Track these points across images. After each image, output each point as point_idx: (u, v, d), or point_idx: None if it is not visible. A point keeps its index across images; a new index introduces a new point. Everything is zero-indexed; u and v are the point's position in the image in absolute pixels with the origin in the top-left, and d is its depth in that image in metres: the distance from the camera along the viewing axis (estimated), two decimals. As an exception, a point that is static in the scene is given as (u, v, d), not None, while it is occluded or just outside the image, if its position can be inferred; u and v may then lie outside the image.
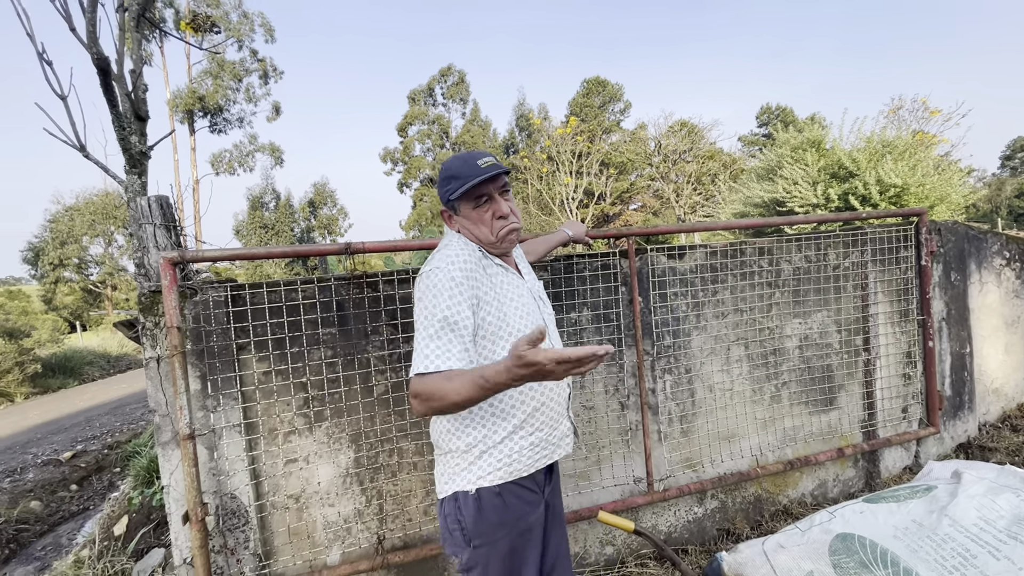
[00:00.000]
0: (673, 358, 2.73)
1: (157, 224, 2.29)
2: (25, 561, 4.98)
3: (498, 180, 1.38)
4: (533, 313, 1.42)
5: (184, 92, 26.56)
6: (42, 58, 2.45)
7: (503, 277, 1.42)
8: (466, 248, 1.37)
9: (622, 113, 34.15)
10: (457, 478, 1.34)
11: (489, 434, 1.33)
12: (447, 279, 1.25)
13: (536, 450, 1.39)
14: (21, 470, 6.60)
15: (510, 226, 1.40)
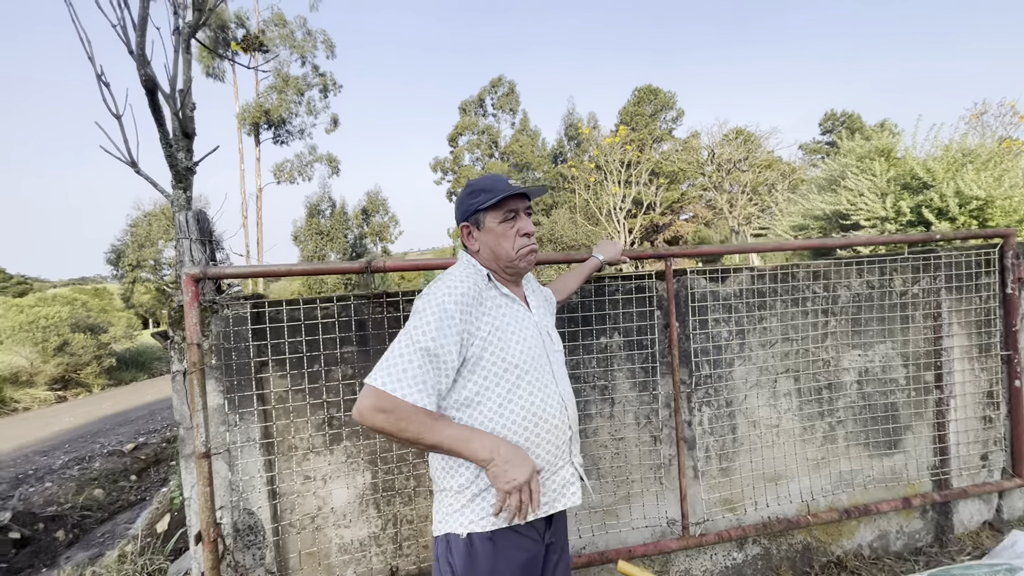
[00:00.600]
0: (712, 389, 2.52)
1: (193, 238, 2.35)
2: (85, 547, 5.31)
3: (525, 200, 1.38)
4: (536, 348, 1.34)
5: (252, 106, 28.23)
6: (100, 79, 2.59)
7: (507, 308, 1.35)
8: (472, 275, 1.33)
9: (674, 121, 33.34)
10: (450, 519, 1.28)
11: (482, 475, 1.25)
12: (439, 309, 1.21)
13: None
14: (89, 459, 7.08)
15: (531, 246, 1.37)
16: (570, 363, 2.37)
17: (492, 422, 1.26)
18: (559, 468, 1.36)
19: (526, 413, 1.28)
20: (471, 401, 1.27)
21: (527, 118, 38.18)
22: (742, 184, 21.73)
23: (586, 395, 2.39)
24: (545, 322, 1.47)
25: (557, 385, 1.38)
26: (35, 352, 12.18)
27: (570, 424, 1.40)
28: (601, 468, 2.41)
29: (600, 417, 2.41)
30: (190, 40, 2.85)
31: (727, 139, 22.50)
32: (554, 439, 1.34)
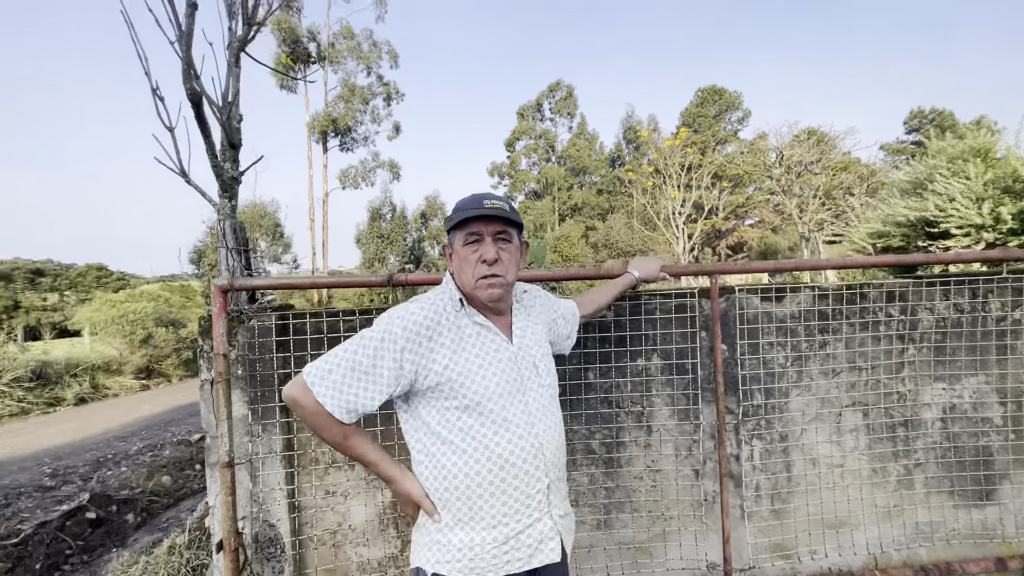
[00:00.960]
0: (765, 421, 2.27)
1: (230, 247, 2.40)
2: (151, 531, 5.68)
3: (493, 224, 1.24)
4: (507, 384, 1.22)
5: (320, 116, 29.76)
6: (155, 93, 2.72)
7: (476, 339, 1.24)
8: (437, 303, 1.25)
9: (740, 122, 31.85)
10: (422, 551, 1.24)
11: (446, 513, 1.21)
12: (384, 331, 1.17)
13: (503, 548, 1.19)
14: (160, 446, 7.62)
15: (488, 274, 1.22)
16: (603, 386, 2.21)
17: (456, 456, 1.19)
18: (533, 521, 1.22)
19: (489, 454, 1.18)
20: (435, 431, 1.21)
21: (585, 122, 37.80)
22: (813, 188, 20.31)
23: (620, 421, 2.22)
24: (532, 352, 1.32)
25: (532, 426, 1.23)
26: (124, 343, 13.36)
27: (547, 471, 1.24)
28: (635, 501, 2.22)
29: (635, 445, 2.23)
30: (239, 54, 2.95)
31: (798, 140, 21.13)
32: (523, 487, 1.20)
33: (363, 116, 31.80)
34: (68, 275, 33.50)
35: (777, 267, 2.27)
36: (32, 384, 10.66)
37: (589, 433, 2.21)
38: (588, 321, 2.19)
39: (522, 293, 1.43)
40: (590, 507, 2.21)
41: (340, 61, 29.66)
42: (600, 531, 2.21)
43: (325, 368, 1.15)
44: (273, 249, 28.88)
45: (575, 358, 2.20)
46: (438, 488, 1.20)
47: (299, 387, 1.16)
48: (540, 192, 37.35)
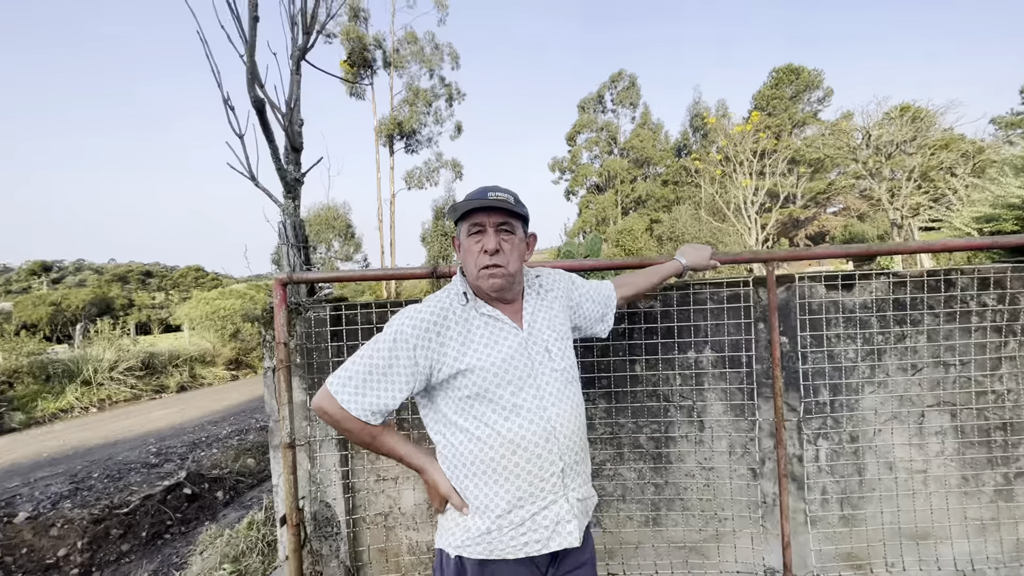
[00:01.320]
0: (832, 420, 2.09)
1: (290, 244, 2.56)
2: (237, 507, 6.21)
3: (496, 215, 1.25)
4: (517, 371, 1.23)
5: (386, 120, 30.99)
6: (226, 103, 2.95)
7: (485, 329, 1.26)
8: (444, 299, 1.28)
9: (820, 103, 29.51)
10: (444, 533, 1.27)
11: (467, 497, 1.23)
12: (396, 331, 1.21)
13: (520, 530, 1.20)
14: (245, 431, 8.30)
15: (489, 263, 1.23)
16: (651, 379, 2.14)
17: (471, 443, 1.22)
18: (548, 503, 1.22)
19: (501, 439, 1.20)
20: (452, 421, 1.24)
21: (648, 111, 36.66)
22: (907, 169, 18.40)
23: (669, 415, 2.14)
24: (544, 336, 1.31)
25: (545, 411, 1.23)
26: (216, 338, 14.67)
27: (561, 455, 1.24)
28: (686, 499, 2.13)
29: (686, 441, 2.14)
30: (300, 62, 3.13)
31: (888, 118, 19.22)
32: (536, 470, 1.21)
33: (426, 118, 32.72)
34: (172, 276, 37.27)
35: (845, 252, 2.08)
36: (142, 373, 11.98)
37: (636, 427, 2.15)
38: (630, 307, 2.12)
39: (534, 278, 1.42)
40: (638, 503, 2.15)
41: (404, 66, 30.71)
42: (648, 528, 2.14)
43: (345, 376, 1.21)
44: (345, 248, 30.47)
45: (620, 350, 2.14)
46: (458, 475, 1.24)
47: (324, 397, 1.22)
48: (602, 186, 36.70)
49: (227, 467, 7.03)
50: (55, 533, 4.75)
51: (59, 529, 4.80)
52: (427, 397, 1.28)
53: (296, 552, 2.07)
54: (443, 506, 1.28)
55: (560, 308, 1.40)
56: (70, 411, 9.84)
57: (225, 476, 6.76)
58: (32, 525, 4.78)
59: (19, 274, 50.24)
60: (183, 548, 4.79)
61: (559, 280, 1.46)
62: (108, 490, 5.76)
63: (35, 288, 39.97)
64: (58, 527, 4.80)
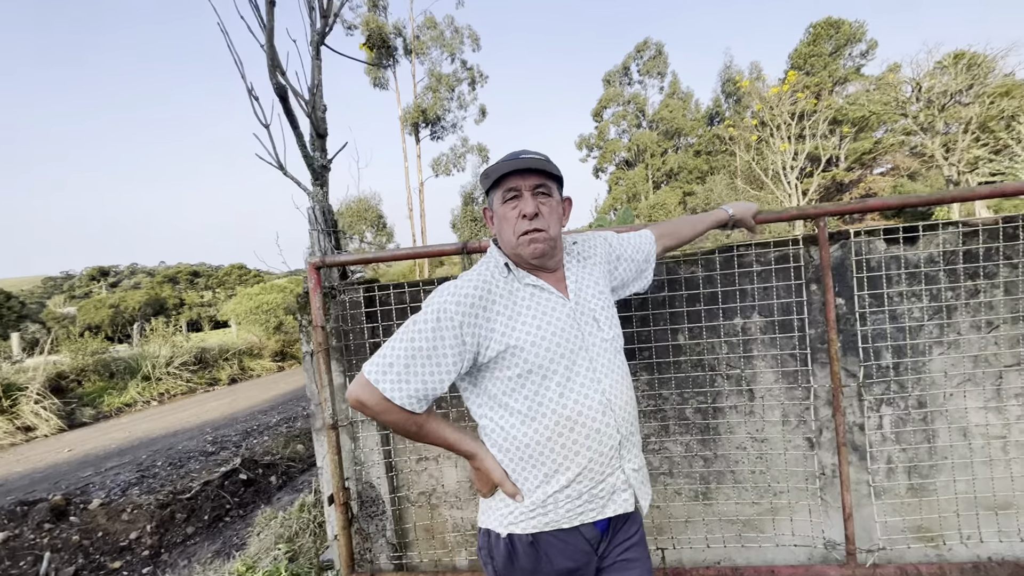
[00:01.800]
0: (896, 384, 1.94)
1: (320, 229, 2.56)
2: (290, 491, 6.47)
3: (531, 177, 1.17)
4: (569, 343, 1.15)
5: (411, 109, 31.05)
6: (251, 94, 2.96)
7: (531, 300, 1.18)
8: (483, 273, 1.19)
9: (863, 56, 27.68)
10: (491, 513, 1.22)
11: (519, 480, 1.17)
12: (438, 309, 1.12)
13: (576, 502, 1.15)
14: (293, 419, 8.61)
15: (529, 228, 1.15)
16: (695, 348, 2.04)
17: (524, 425, 1.15)
18: (606, 476, 1.18)
19: (557, 417, 1.13)
20: (501, 402, 1.17)
21: (677, 80, 35.37)
22: (964, 121, 17.08)
23: (716, 386, 2.04)
24: (591, 305, 1.24)
25: (599, 383, 1.17)
26: (261, 331, 15.23)
27: (618, 427, 1.18)
28: (737, 472, 2.04)
29: (735, 412, 2.04)
30: (319, 47, 3.11)
31: (941, 67, 17.83)
32: (595, 445, 1.15)
33: (450, 103, 32.59)
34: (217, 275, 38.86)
35: (903, 202, 1.90)
36: (195, 367, 12.58)
37: (682, 399, 2.06)
38: (670, 273, 2.02)
39: (572, 244, 1.34)
40: (686, 477, 2.08)
41: (425, 52, 30.58)
42: (698, 503, 2.07)
43: (385, 362, 1.11)
44: (378, 239, 30.93)
45: (662, 319, 2.05)
46: (511, 458, 1.18)
47: (362, 387, 1.12)
48: (631, 160, 35.81)
49: (278, 453, 7.31)
50: (126, 518, 5.04)
51: (129, 514, 5.09)
52: (471, 378, 1.21)
53: (345, 530, 2.10)
54: (492, 492, 1.23)
55: (601, 274, 1.33)
56: (133, 405, 10.46)
57: (277, 462, 7.03)
58: (105, 511, 5.09)
59: (80, 280, 53.61)
60: (242, 530, 5.01)
61: (596, 244, 1.39)
62: (171, 477, 6.08)
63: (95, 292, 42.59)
64: (128, 512, 5.09)
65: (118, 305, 30.91)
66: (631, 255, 1.43)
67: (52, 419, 8.83)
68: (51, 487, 5.82)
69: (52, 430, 8.65)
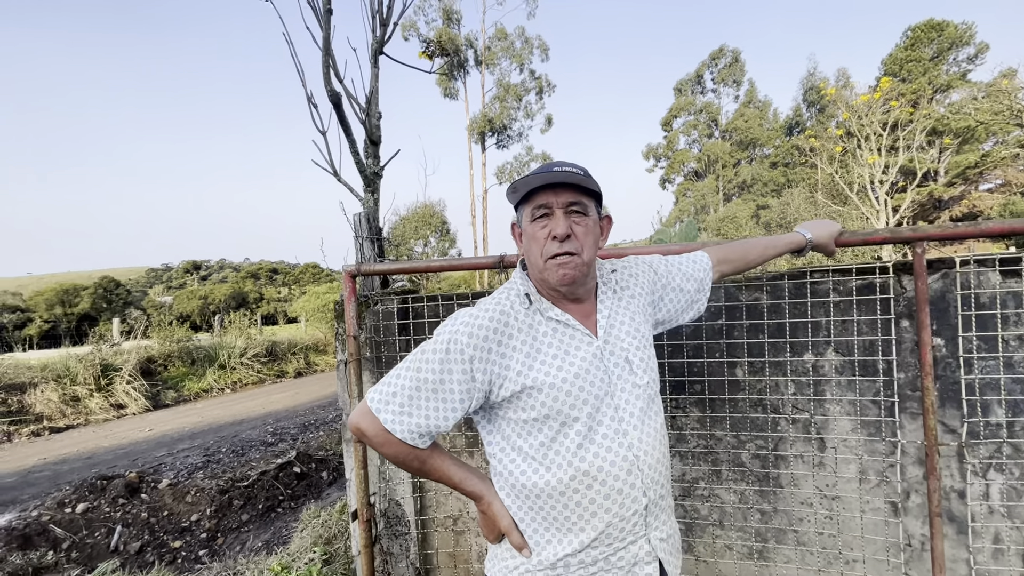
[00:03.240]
0: (1011, 447, 1.60)
1: (364, 236, 2.55)
2: (339, 488, 6.65)
3: (564, 193, 1.02)
4: (593, 388, 1.01)
5: (478, 118, 31.67)
6: (310, 101, 3.03)
7: (554, 336, 1.04)
8: (502, 302, 1.06)
9: (971, 61, 24.99)
10: (497, 562, 1.11)
11: (529, 531, 1.05)
12: (448, 340, 1.01)
13: (591, 569, 1.02)
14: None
15: (558, 252, 1.01)
16: (756, 385, 1.79)
17: (536, 474, 1.02)
18: (627, 544, 1.02)
19: (573, 471, 0.99)
20: (515, 444, 1.04)
21: (754, 88, 33.71)
22: (1099, 131, 14.86)
23: (779, 430, 1.78)
24: (623, 345, 1.07)
25: (625, 435, 1.01)
26: (327, 328, 15.97)
27: (645, 490, 1.01)
28: (800, 532, 1.77)
29: (801, 462, 1.77)
30: (378, 55, 3.14)
31: (1071, 70, 15.66)
32: (615, 508, 0.99)
33: (516, 113, 32.91)
34: (293, 273, 41.42)
35: None
36: (266, 359, 13.38)
37: (737, 442, 1.82)
38: (728, 300, 1.80)
39: (610, 273, 1.18)
40: (739, 531, 1.83)
41: (495, 63, 31.17)
42: (752, 561, 1.81)
43: (389, 392, 1.03)
44: (441, 244, 31.67)
45: (718, 351, 1.82)
46: (522, 507, 1.05)
47: (363, 415, 1.04)
48: (701, 172, 34.42)
49: (331, 449, 7.54)
50: (189, 499, 5.35)
51: (193, 496, 5.40)
52: (486, 415, 1.10)
53: (367, 548, 2.04)
54: (499, 540, 1.10)
55: (640, 307, 1.16)
56: (209, 391, 11.25)
57: (329, 457, 7.25)
58: (172, 491, 5.43)
59: (177, 272, 59.21)
60: (291, 522, 5.16)
61: (639, 272, 1.21)
62: (232, 464, 6.40)
63: (188, 284, 46.81)
64: (192, 495, 5.41)
65: (207, 297, 33.73)
66: (680, 284, 1.25)
67: (140, 399, 9.67)
68: (129, 464, 6.31)
69: (139, 409, 9.46)
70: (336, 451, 7.52)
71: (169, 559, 4.26)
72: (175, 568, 4.06)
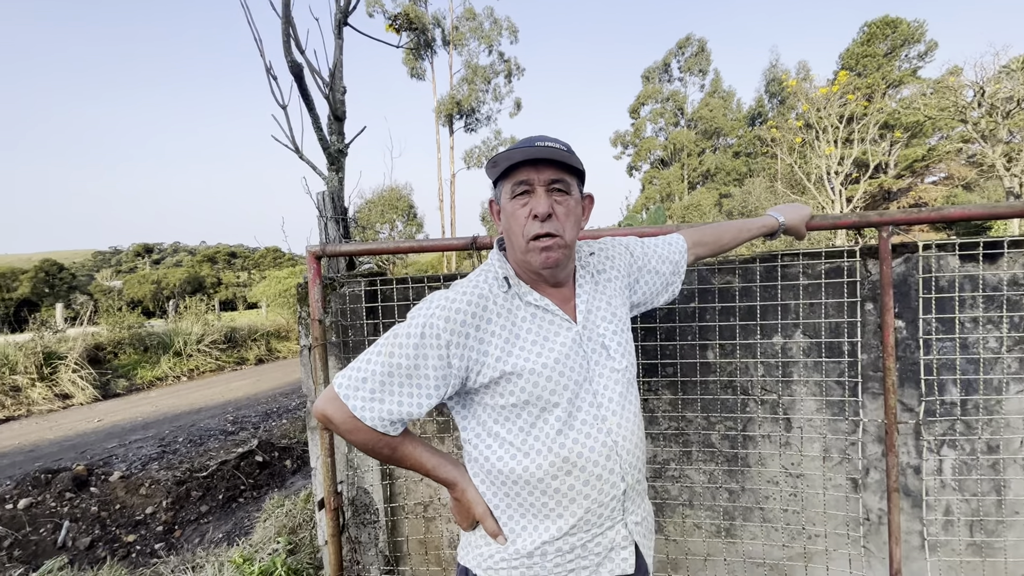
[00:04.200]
0: (964, 424, 1.68)
1: (328, 216, 2.44)
2: (304, 476, 6.49)
3: (547, 170, 0.97)
4: (572, 374, 0.99)
5: (445, 100, 31.05)
6: (269, 73, 2.86)
7: (533, 322, 1.00)
8: (480, 285, 1.01)
9: (921, 58, 26.11)
10: (471, 550, 1.08)
11: (504, 519, 1.02)
12: (424, 324, 0.96)
13: (567, 557, 0.99)
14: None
15: (540, 233, 0.96)
16: (726, 367, 1.81)
17: (514, 459, 0.99)
18: (605, 529, 1.01)
19: (553, 457, 0.97)
20: (491, 431, 1.01)
21: (719, 78, 34.29)
22: (1032, 129, 15.84)
23: (749, 410, 1.81)
24: (600, 330, 1.05)
25: (604, 421, 0.99)
26: (289, 314, 15.51)
27: (623, 475, 1.01)
28: (767, 509, 1.81)
29: (768, 442, 1.81)
30: (341, 26, 2.98)
31: (1008, 71, 16.57)
32: (595, 494, 0.98)
33: (485, 95, 32.45)
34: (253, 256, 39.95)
35: (990, 213, 1.62)
36: (225, 346, 12.89)
37: (707, 423, 1.84)
38: (701, 283, 1.80)
39: (588, 256, 1.15)
40: (708, 510, 1.86)
41: (463, 43, 30.53)
42: (720, 539, 1.85)
43: (359, 377, 0.97)
44: (408, 229, 31.13)
45: (690, 333, 1.83)
46: (497, 494, 1.02)
47: (330, 401, 0.98)
48: (667, 159, 34.95)
49: (295, 437, 7.35)
50: (144, 492, 5.11)
51: (147, 488, 5.16)
52: (461, 401, 1.05)
53: (335, 538, 1.98)
54: (472, 527, 1.07)
55: (618, 290, 1.13)
56: (164, 379, 10.78)
57: (293, 445, 7.07)
58: (125, 483, 5.18)
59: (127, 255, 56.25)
60: (254, 512, 5.02)
61: (616, 255, 1.19)
62: (190, 454, 6.16)
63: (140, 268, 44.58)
64: (146, 487, 5.17)
65: (160, 281, 32.20)
66: (656, 266, 1.23)
67: (88, 388, 9.16)
68: (77, 456, 5.98)
69: (87, 399, 8.97)
70: (300, 439, 7.34)
71: (123, 554, 4.06)
72: (129, 563, 3.87)
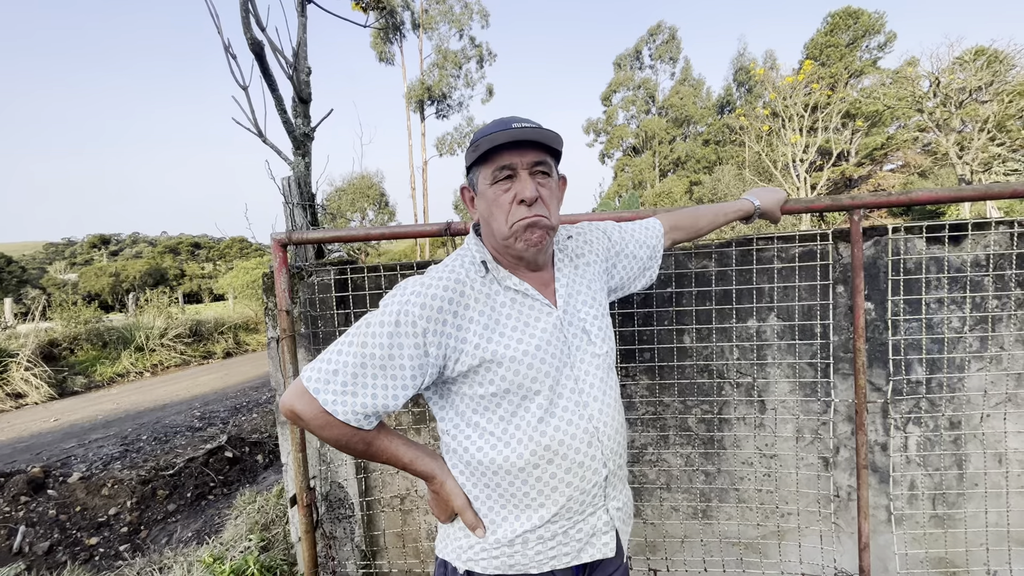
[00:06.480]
0: (928, 403, 1.73)
1: (295, 202, 2.33)
2: (276, 471, 6.35)
3: (529, 152, 0.94)
4: (552, 360, 0.96)
5: (416, 85, 30.42)
6: (227, 51, 2.70)
7: (511, 308, 0.97)
8: (456, 271, 0.97)
9: (881, 49, 26.88)
10: (449, 542, 1.05)
11: (484, 510, 0.99)
12: (398, 312, 0.91)
13: (548, 544, 0.98)
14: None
15: (530, 219, 0.93)
16: (702, 351, 1.82)
17: (494, 449, 0.96)
18: (587, 516, 1.00)
19: (535, 446, 0.94)
20: (471, 421, 0.98)
21: (689, 66, 34.60)
22: (980, 119, 16.53)
23: (725, 394, 1.83)
24: (581, 315, 1.03)
25: (586, 407, 0.97)
26: (258, 305, 15.08)
27: (605, 461, 0.99)
28: (742, 490, 1.84)
29: (743, 424, 1.83)
30: (305, 2, 2.84)
31: (961, 63, 17.21)
32: (577, 481, 0.96)
33: (456, 81, 31.92)
34: (218, 247, 38.62)
35: (956, 196, 1.66)
36: (190, 340, 12.46)
37: (684, 407, 1.85)
38: (678, 268, 1.80)
39: (566, 240, 1.12)
40: (685, 492, 1.88)
41: (433, 27, 29.89)
42: (696, 521, 1.87)
43: (329, 369, 0.91)
44: (380, 217, 30.58)
45: (666, 318, 1.83)
46: (477, 485, 0.99)
47: (298, 395, 0.92)
48: (639, 147, 35.22)
49: (266, 431, 7.18)
50: (106, 492, 4.91)
51: (109, 489, 4.96)
52: (438, 391, 1.01)
53: (308, 534, 1.92)
54: (451, 520, 1.03)
55: (596, 274, 1.11)
56: (126, 376, 10.36)
57: (264, 440, 6.90)
58: (85, 485, 4.96)
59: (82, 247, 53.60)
60: (224, 509, 4.88)
61: (593, 239, 1.16)
62: (155, 452, 5.95)
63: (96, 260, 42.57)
64: (109, 487, 4.96)
65: (118, 274, 30.83)
66: (633, 251, 1.21)
67: (43, 387, 8.73)
68: (32, 458, 5.70)
69: (42, 398, 8.55)
70: (271, 433, 7.17)
71: (84, 557, 3.89)
72: (92, 567, 3.72)
